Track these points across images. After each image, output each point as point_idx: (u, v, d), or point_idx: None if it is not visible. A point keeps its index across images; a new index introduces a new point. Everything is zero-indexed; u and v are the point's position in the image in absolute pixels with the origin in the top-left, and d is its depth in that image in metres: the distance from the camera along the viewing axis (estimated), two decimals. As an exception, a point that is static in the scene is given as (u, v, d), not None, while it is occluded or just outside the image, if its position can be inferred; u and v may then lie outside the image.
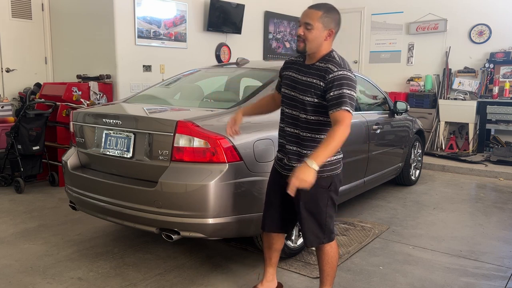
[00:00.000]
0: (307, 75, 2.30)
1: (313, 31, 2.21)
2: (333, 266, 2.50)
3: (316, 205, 2.37)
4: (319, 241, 2.42)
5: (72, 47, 6.45)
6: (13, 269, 3.09)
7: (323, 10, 2.22)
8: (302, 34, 2.22)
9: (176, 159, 2.75)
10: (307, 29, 2.21)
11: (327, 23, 2.23)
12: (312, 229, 2.40)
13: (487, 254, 3.45)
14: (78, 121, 3.35)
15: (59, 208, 4.47)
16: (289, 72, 2.44)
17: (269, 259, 2.72)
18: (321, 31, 2.22)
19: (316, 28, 2.20)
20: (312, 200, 2.36)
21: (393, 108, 4.91)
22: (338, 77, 2.17)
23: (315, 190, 2.28)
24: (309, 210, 2.38)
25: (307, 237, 2.43)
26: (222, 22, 7.05)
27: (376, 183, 4.75)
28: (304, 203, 2.37)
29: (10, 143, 5.12)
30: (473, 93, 7.50)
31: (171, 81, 4.17)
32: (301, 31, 2.22)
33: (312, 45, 2.23)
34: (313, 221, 2.39)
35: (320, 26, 2.21)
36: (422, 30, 8.02)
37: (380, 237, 3.75)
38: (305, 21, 2.22)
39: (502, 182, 5.95)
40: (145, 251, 3.41)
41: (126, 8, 5.87)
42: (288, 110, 2.40)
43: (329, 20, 2.23)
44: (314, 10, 2.22)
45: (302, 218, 2.41)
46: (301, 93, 2.31)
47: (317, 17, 2.20)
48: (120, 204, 2.93)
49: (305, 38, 2.22)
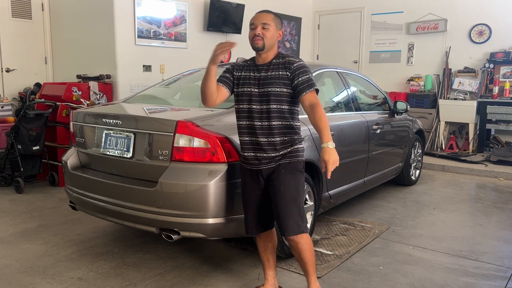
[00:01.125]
0: (270, 70, 2.47)
1: (270, 30, 2.45)
2: (312, 252, 2.54)
3: (296, 189, 2.47)
4: (300, 229, 2.45)
5: (72, 47, 6.45)
6: (13, 269, 3.09)
7: (273, 14, 2.52)
8: (261, 33, 2.43)
9: (176, 159, 2.75)
10: (265, 29, 2.44)
11: (278, 25, 2.51)
12: (293, 216, 2.44)
13: (487, 254, 3.45)
14: (78, 121, 3.35)
15: (59, 208, 4.47)
16: (244, 72, 2.55)
17: (267, 261, 2.72)
18: (275, 30, 2.48)
19: (272, 27, 2.46)
20: (293, 185, 2.46)
21: (393, 108, 4.91)
22: (301, 66, 2.44)
23: (294, 175, 2.46)
24: (290, 196, 2.45)
25: (289, 225, 2.44)
26: (222, 22, 7.06)
27: (376, 183, 4.75)
28: (285, 189, 2.45)
29: (10, 143, 5.12)
30: (473, 93, 7.50)
31: (171, 81, 4.17)
32: (259, 30, 2.43)
33: (269, 43, 2.45)
34: (294, 207, 2.45)
35: (274, 26, 2.47)
36: (422, 30, 8.02)
37: (380, 237, 3.75)
38: (262, 21, 2.45)
39: (502, 182, 5.94)
40: (145, 251, 3.41)
41: (126, 8, 5.87)
42: (256, 106, 2.47)
43: (279, 22, 2.52)
44: (267, 13, 2.50)
45: (284, 206, 2.44)
46: (269, 86, 2.45)
47: (271, 18, 2.48)
48: (120, 204, 2.94)
49: (264, 36, 2.43)
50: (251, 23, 2.49)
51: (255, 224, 2.60)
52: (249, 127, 2.50)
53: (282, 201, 2.44)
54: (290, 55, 2.54)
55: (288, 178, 2.45)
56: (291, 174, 2.46)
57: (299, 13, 8.85)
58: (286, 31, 8.60)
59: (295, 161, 2.47)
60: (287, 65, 2.45)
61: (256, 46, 2.45)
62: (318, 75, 3.90)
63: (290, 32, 8.68)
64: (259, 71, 2.50)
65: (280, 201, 2.45)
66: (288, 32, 8.64)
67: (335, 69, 4.31)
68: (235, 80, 2.57)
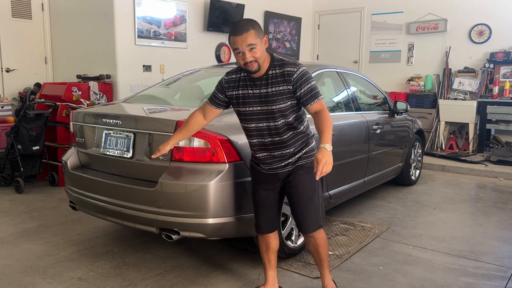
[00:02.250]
0: (269, 86, 2.35)
1: (258, 49, 2.27)
2: (327, 247, 2.62)
3: (312, 187, 2.50)
4: (318, 225, 2.53)
5: (72, 47, 6.45)
6: (13, 269, 3.09)
7: (251, 27, 2.27)
8: (252, 58, 2.26)
9: (176, 159, 2.76)
10: (253, 50, 2.26)
11: (260, 35, 2.31)
12: (311, 214, 2.50)
13: (487, 254, 3.45)
14: (78, 121, 3.35)
15: (59, 208, 4.47)
16: (239, 91, 2.43)
17: (268, 261, 2.72)
18: (261, 44, 2.30)
19: (258, 44, 2.27)
20: (309, 183, 2.49)
21: (393, 108, 4.91)
22: (301, 75, 2.33)
23: (309, 174, 2.44)
24: (307, 194, 2.49)
25: (308, 223, 2.52)
26: (222, 22, 7.06)
27: (376, 183, 4.75)
28: (302, 189, 2.49)
29: (10, 143, 5.12)
30: (473, 93, 7.50)
31: (171, 81, 4.17)
32: (249, 56, 2.26)
33: (262, 60, 2.31)
34: (312, 205, 2.50)
35: (259, 41, 2.28)
36: (422, 30, 8.02)
37: (380, 237, 3.75)
38: (247, 43, 2.24)
39: (502, 182, 5.94)
40: (145, 251, 3.41)
41: (126, 8, 5.87)
42: (262, 123, 2.41)
43: (259, 31, 2.31)
44: (246, 33, 2.24)
45: (303, 205, 2.50)
46: (273, 104, 2.36)
47: (253, 36, 2.26)
48: (120, 204, 2.94)
49: (256, 58, 2.27)
50: (235, 48, 2.28)
51: (265, 223, 2.62)
52: (260, 144, 2.48)
53: (300, 201, 2.50)
54: (285, 61, 2.38)
55: (304, 178, 2.48)
56: (307, 174, 2.47)
57: (299, 13, 8.85)
58: (286, 31, 8.60)
59: (310, 161, 2.48)
60: (286, 77, 2.33)
61: (252, 70, 2.31)
62: (318, 75, 3.90)
63: (290, 32, 8.67)
64: (257, 86, 2.38)
65: (298, 201, 2.51)
66: (288, 32, 8.64)
67: (335, 69, 4.31)
68: (232, 99, 2.47)
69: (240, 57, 2.29)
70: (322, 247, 2.57)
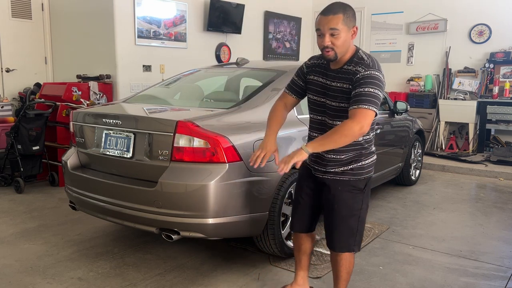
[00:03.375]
0: (336, 80, 2.22)
1: (341, 36, 2.10)
2: (350, 272, 2.44)
3: (350, 208, 2.30)
4: (349, 248, 2.34)
5: (72, 47, 6.45)
6: (13, 269, 3.09)
7: (342, 12, 2.11)
8: (330, 44, 2.11)
9: (176, 159, 2.75)
10: (334, 36, 2.10)
11: (350, 23, 2.13)
12: (342, 234, 2.32)
13: (487, 254, 3.45)
14: (78, 121, 3.35)
15: (59, 208, 4.47)
16: (314, 76, 2.34)
17: (299, 261, 2.69)
18: (347, 33, 2.13)
19: (342, 31, 2.10)
20: (346, 202, 2.30)
21: (393, 108, 4.91)
22: (365, 76, 2.10)
23: (351, 193, 2.29)
24: (340, 213, 2.30)
25: (337, 243, 2.35)
26: (222, 22, 7.05)
27: (376, 183, 4.74)
28: (338, 206, 2.31)
29: (10, 143, 5.12)
30: (473, 93, 7.50)
31: (171, 81, 4.17)
32: (328, 41, 2.10)
33: (342, 50, 2.15)
34: (344, 225, 2.31)
35: (345, 28, 2.11)
36: (422, 30, 8.02)
37: (380, 237, 3.75)
38: (330, 27, 2.08)
39: (502, 182, 5.94)
40: (145, 251, 3.41)
41: (126, 8, 5.87)
42: (318, 116, 2.34)
43: (350, 19, 2.13)
44: (333, 15, 2.09)
45: (333, 221, 2.33)
46: (331, 99, 2.24)
47: (340, 21, 2.09)
48: (120, 204, 2.93)
49: (334, 45, 2.11)
50: (317, 29, 2.14)
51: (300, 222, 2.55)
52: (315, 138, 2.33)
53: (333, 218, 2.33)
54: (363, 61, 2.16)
55: (343, 196, 2.29)
56: (348, 192, 2.28)
57: (299, 13, 8.85)
58: (286, 31, 8.60)
59: (355, 180, 2.29)
60: (352, 76, 2.15)
61: (327, 58, 2.17)
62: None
63: (290, 32, 8.68)
64: (329, 77, 2.26)
65: (330, 217, 2.35)
66: (288, 32, 8.64)
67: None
68: (308, 84, 2.38)
69: (319, 40, 2.14)
70: (344, 271, 2.40)
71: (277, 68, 3.76)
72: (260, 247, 3.18)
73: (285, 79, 3.44)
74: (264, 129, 2.97)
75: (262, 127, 2.98)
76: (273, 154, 2.39)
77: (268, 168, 2.88)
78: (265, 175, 2.88)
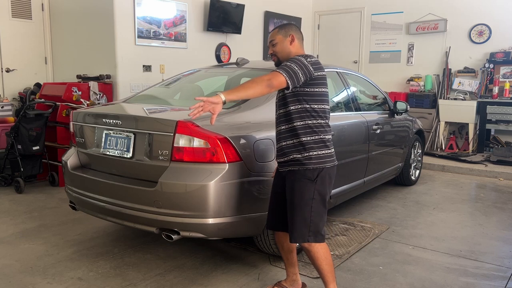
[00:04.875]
0: None
1: (278, 44, 2.56)
2: (329, 262, 2.49)
3: (300, 197, 2.41)
4: (304, 238, 2.42)
5: (72, 47, 6.45)
6: (13, 269, 3.09)
7: (278, 28, 2.62)
8: (272, 52, 2.60)
9: (176, 159, 2.75)
10: (273, 45, 2.58)
11: (285, 33, 2.57)
12: (296, 224, 2.42)
13: (487, 254, 3.45)
14: (78, 121, 3.35)
15: (59, 208, 4.47)
16: None
17: (286, 259, 2.76)
18: (283, 41, 2.55)
19: (278, 41, 2.56)
20: (297, 192, 2.42)
21: (393, 108, 4.91)
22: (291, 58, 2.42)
23: (301, 182, 2.41)
24: (294, 202, 2.43)
25: (291, 232, 2.46)
26: (222, 22, 7.05)
27: (376, 183, 4.75)
28: (290, 195, 2.45)
29: (10, 143, 5.12)
30: (473, 93, 7.50)
31: (171, 81, 4.17)
32: (271, 50, 2.61)
33: (282, 55, 2.56)
34: (298, 214, 2.41)
35: (280, 37, 2.55)
36: (422, 30, 8.02)
37: (380, 237, 3.75)
38: (269, 40, 2.62)
39: (502, 182, 5.95)
40: (145, 251, 3.41)
41: (126, 8, 5.87)
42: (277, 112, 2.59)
43: (285, 30, 2.58)
44: (272, 32, 2.62)
45: (289, 211, 2.46)
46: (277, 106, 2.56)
47: (275, 33, 2.59)
48: (120, 204, 2.94)
49: (275, 52, 2.58)
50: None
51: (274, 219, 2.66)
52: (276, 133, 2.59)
53: (289, 208, 2.47)
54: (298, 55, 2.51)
55: (293, 185, 2.44)
56: (298, 181, 2.42)
57: (299, 13, 8.85)
58: (286, 31, 8.59)
59: (304, 168, 2.41)
60: None
61: (274, 63, 2.63)
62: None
63: (290, 32, 8.66)
64: None
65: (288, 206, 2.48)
66: (288, 32, 8.63)
67: (335, 69, 4.31)
68: None
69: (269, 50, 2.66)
70: (323, 263, 2.45)
71: (277, 68, 3.76)
72: (260, 247, 3.18)
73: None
74: (264, 129, 2.99)
75: (262, 127, 2.99)
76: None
77: (268, 168, 2.89)
78: (265, 175, 2.88)
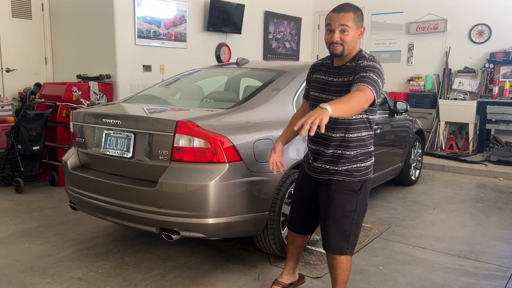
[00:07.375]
0: (338, 76, 2.29)
1: (350, 33, 2.21)
2: (347, 274, 2.42)
3: (342, 210, 2.30)
4: (341, 250, 2.33)
5: (72, 47, 6.45)
6: (13, 269, 3.09)
7: (352, 11, 2.23)
8: (339, 40, 2.20)
9: (176, 159, 2.75)
10: (343, 32, 2.20)
11: (358, 23, 2.25)
12: (335, 236, 2.32)
13: (487, 254, 3.45)
14: (78, 121, 3.35)
15: (59, 208, 4.47)
16: (317, 75, 2.42)
17: (291, 253, 2.72)
18: (355, 31, 2.23)
19: (352, 29, 2.21)
20: (339, 203, 2.30)
21: (393, 108, 4.91)
22: (367, 65, 2.17)
23: (343, 194, 2.30)
24: (333, 214, 2.31)
25: (329, 244, 2.35)
26: (222, 22, 7.05)
27: (376, 183, 4.74)
28: (327, 205, 2.33)
29: (10, 143, 5.12)
30: (473, 93, 7.50)
31: (171, 81, 4.17)
32: (338, 36, 2.20)
33: (349, 47, 2.24)
34: (337, 227, 2.31)
35: (354, 26, 2.22)
36: (422, 30, 8.02)
37: (380, 237, 3.75)
38: (341, 23, 2.20)
39: (502, 182, 5.95)
40: (145, 251, 3.41)
41: (126, 8, 5.87)
42: None
43: (359, 19, 2.25)
44: (345, 13, 2.21)
45: (327, 222, 2.34)
46: (333, 94, 2.26)
47: (351, 19, 2.21)
48: (120, 204, 2.94)
49: (343, 41, 2.21)
50: (327, 24, 2.24)
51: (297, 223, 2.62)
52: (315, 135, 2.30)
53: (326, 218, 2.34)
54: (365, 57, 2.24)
55: (336, 196, 2.30)
56: (342, 193, 2.29)
57: (299, 13, 8.85)
58: (286, 31, 8.60)
59: (349, 181, 2.29)
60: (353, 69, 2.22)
61: (334, 52, 2.24)
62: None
63: (290, 32, 8.67)
64: (331, 75, 2.32)
65: (325, 217, 2.35)
66: (288, 32, 8.64)
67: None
68: (311, 83, 2.45)
69: (328, 36, 2.24)
70: (341, 273, 2.38)
71: (277, 68, 3.77)
72: (260, 247, 3.18)
73: (285, 79, 3.45)
74: (264, 128, 2.99)
75: (262, 127, 2.99)
76: None
77: (268, 168, 2.88)
78: (265, 175, 2.89)
